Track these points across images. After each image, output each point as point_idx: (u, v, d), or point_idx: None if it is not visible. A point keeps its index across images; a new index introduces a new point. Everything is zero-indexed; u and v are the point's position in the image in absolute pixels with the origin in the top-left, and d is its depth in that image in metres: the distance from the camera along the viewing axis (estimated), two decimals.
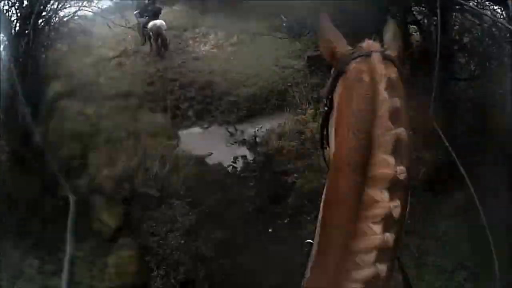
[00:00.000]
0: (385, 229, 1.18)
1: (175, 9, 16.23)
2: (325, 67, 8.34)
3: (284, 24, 11.73)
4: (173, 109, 9.60)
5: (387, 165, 1.21)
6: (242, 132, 8.80)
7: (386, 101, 1.26)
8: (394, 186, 1.20)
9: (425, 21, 7.34)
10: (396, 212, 1.20)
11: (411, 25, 7.45)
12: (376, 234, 1.18)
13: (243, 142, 8.46)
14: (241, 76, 10.32)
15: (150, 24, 11.92)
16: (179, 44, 13.34)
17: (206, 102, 9.87)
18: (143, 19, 12.36)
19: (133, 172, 7.07)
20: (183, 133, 8.99)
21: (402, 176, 1.21)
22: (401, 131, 1.23)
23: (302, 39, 11.18)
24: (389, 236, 1.18)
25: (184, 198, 6.78)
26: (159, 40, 12.04)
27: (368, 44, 1.42)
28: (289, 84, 9.64)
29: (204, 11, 14.91)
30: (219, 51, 12.31)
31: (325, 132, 1.58)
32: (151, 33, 11.99)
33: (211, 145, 8.48)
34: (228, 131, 8.81)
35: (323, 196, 1.42)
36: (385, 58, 1.35)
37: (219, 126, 9.25)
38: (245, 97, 9.62)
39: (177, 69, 11.40)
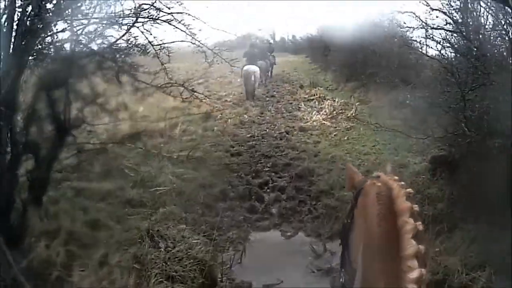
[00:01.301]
0: None
1: (297, 60, 15.35)
2: (448, 172, 7.04)
3: (407, 102, 9.42)
4: (253, 199, 7.35)
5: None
6: (332, 255, 6.09)
7: (399, 187, 1.74)
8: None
9: None
10: None
11: None
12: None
13: (327, 272, 5.82)
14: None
15: (245, 67, 11.43)
16: (290, 103, 11.71)
17: (299, 200, 7.42)
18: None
19: None
20: (255, 238, 6.62)
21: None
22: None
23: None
24: None
25: None
26: (250, 87, 11.41)
27: (376, 173, 2.00)
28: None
29: (326, 68, 13.70)
30: (331, 125, 10.20)
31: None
32: (242, 76, 11.53)
33: (286, 265, 5.96)
34: (314, 250, 6.30)
35: None
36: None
37: (305, 237, 6.74)
38: (348, 202, 6.78)
39: (275, 141, 9.45)
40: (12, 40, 4.78)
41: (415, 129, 8.46)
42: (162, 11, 6.03)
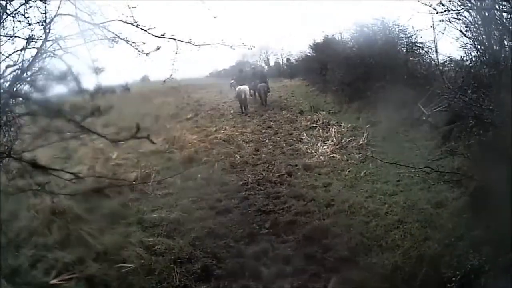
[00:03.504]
0: None
1: (293, 84, 13.41)
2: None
3: (424, 118, 7.97)
4: (246, 277, 4.99)
5: None
6: None
7: None
8: None
9: None
10: None
11: None
12: None
13: None
14: (377, 222, 5.64)
15: (237, 88, 11.31)
16: (290, 134, 9.43)
17: (311, 273, 4.94)
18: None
19: None
20: None
21: None
22: None
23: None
24: None
25: None
26: (243, 103, 11.13)
27: None
28: (446, 242, 4.95)
29: (325, 89, 11.54)
30: (342, 158, 7.80)
31: None
32: (236, 95, 11.40)
33: None
34: None
35: None
36: None
37: None
38: (377, 273, 4.77)
39: (275, 187, 7.06)
40: None
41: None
42: None
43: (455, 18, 6.39)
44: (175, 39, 5.85)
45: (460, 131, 6.83)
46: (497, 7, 5.91)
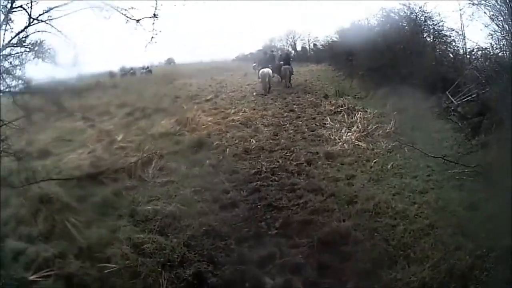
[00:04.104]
0: None
1: (319, 68, 12.43)
2: None
3: (453, 108, 7.34)
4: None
5: None
6: None
7: None
8: None
9: None
10: None
11: None
12: None
13: None
14: (405, 226, 4.68)
15: (260, 70, 10.74)
16: (313, 118, 8.49)
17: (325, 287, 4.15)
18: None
19: None
20: None
21: None
22: None
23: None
24: None
25: None
26: (266, 84, 10.60)
27: None
28: (477, 253, 4.25)
29: (351, 74, 10.69)
30: (367, 146, 6.81)
31: None
32: (259, 77, 10.86)
33: None
34: None
35: None
36: None
37: None
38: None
39: (291, 178, 6.07)
40: None
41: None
42: None
43: (483, 4, 6.25)
44: None
45: (491, 123, 6.18)
46: None
